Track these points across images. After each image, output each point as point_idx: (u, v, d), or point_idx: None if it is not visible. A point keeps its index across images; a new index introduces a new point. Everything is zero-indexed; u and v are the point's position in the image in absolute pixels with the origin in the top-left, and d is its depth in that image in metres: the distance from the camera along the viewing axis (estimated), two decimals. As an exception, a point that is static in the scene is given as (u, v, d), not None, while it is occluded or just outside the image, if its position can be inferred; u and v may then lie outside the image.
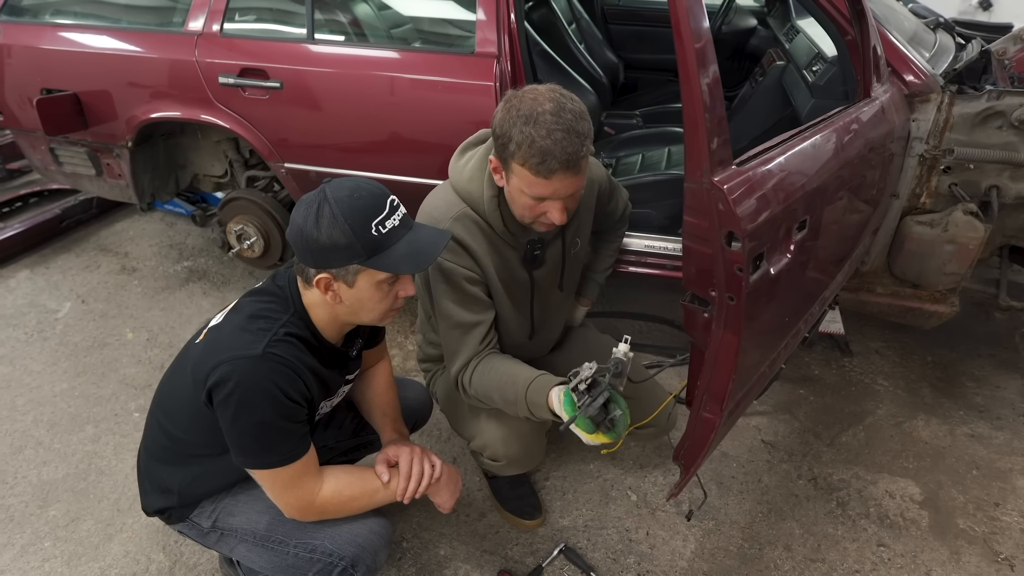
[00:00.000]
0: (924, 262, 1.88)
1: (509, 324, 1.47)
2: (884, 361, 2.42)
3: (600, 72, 2.99)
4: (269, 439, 1.12)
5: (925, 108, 1.75)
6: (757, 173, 1.02)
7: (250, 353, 1.08)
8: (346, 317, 1.19)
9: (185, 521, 1.33)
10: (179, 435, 1.25)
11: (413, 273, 1.17)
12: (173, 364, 1.32)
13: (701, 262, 1.03)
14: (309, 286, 1.14)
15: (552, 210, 1.20)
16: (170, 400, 1.27)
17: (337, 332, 1.24)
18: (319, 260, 1.08)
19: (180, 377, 1.22)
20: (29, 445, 2.04)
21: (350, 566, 1.24)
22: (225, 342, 1.13)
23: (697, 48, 0.90)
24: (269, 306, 1.17)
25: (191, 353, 1.22)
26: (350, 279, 1.10)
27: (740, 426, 2.11)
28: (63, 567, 1.67)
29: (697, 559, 1.70)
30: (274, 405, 1.09)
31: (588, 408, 1.14)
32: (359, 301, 1.14)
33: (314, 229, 1.05)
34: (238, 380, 1.07)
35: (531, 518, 1.77)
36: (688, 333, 1.18)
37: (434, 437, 2.09)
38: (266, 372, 1.08)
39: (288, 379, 1.10)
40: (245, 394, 1.07)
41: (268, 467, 1.14)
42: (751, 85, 2.65)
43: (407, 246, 1.11)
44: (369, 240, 1.06)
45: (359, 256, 1.07)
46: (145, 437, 1.35)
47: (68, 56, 2.32)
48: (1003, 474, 1.94)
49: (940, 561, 1.68)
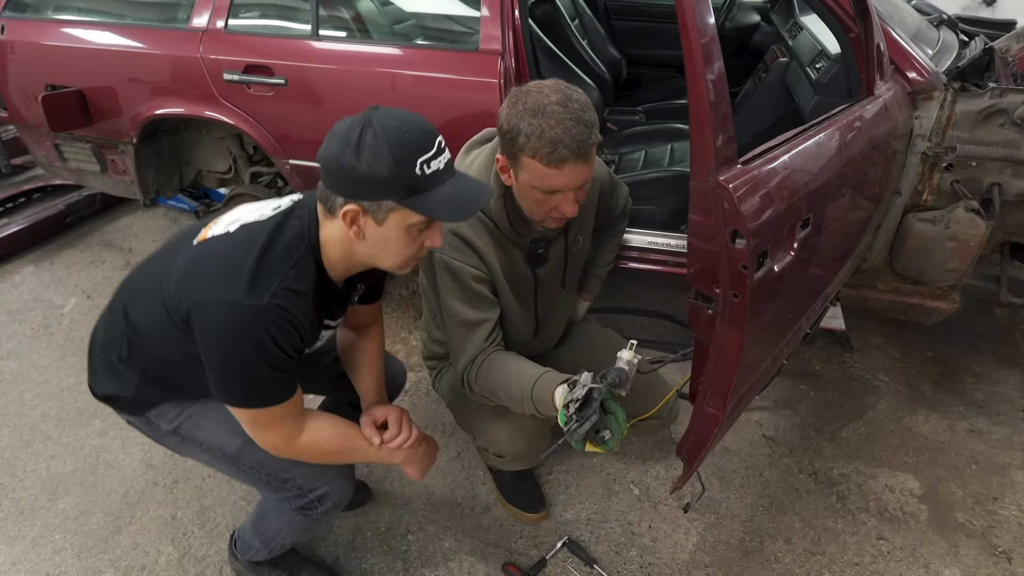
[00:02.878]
0: (926, 259, 1.89)
1: (514, 321, 1.48)
2: (884, 357, 2.44)
3: (603, 68, 3.00)
4: (255, 383, 1.06)
5: (928, 105, 1.76)
6: (762, 172, 1.03)
7: (253, 302, 1.00)
8: (363, 257, 1.10)
9: (139, 417, 1.28)
10: (144, 340, 1.18)
11: (452, 221, 1.09)
12: (161, 254, 1.20)
13: (706, 259, 1.04)
14: (332, 216, 1.04)
15: (563, 203, 1.21)
16: (145, 300, 1.15)
17: (344, 272, 1.15)
18: (352, 190, 0.99)
19: (160, 278, 1.12)
20: (38, 439, 2.05)
21: (317, 500, 1.31)
22: (226, 274, 1.02)
23: (703, 44, 0.91)
24: (283, 239, 1.06)
25: (182, 256, 1.10)
26: (380, 216, 1.01)
27: (742, 421, 2.13)
28: (73, 559, 1.69)
29: (699, 552, 1.72)
30: (266, 356, 1.03)
31: (574, 433, 1.11)
32: (384, 242, 1.05)
33: (353, 156, 0.95)
34: (234, 327, 1.00)
35: (535, 511, 1.79)
36: (692, 330, 1.19)
37: (438, 431, 2.11)
38: (265, 324, 1.01)
39: (286, 334, 1.03)
40: (237, 340, 1.01)
41: (249, 407, 1.09)
42: (754, 82, 2.65)
43: (449, 192, 1.03)
44: (411, 178, 0.97)
45: (397, 193, 0.98)
46: (107, 318, 1.26)
47: (73, 52, 2.33)
48: (1002, 469, 1.95)
49: (939, 554, 1.70)
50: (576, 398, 1.11)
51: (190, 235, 1.15)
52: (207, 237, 1.11)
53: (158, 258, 1.20)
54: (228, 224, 1.11)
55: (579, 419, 1.10)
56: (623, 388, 1.15)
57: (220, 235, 1.09)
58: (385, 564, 1.69)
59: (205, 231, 1.13)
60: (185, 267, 1.07)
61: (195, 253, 1.09)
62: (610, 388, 1.14)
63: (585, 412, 1.11)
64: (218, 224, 1.13)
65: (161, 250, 1.22)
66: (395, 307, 2.76)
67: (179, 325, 1.07)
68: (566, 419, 1.13)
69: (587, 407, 1.11)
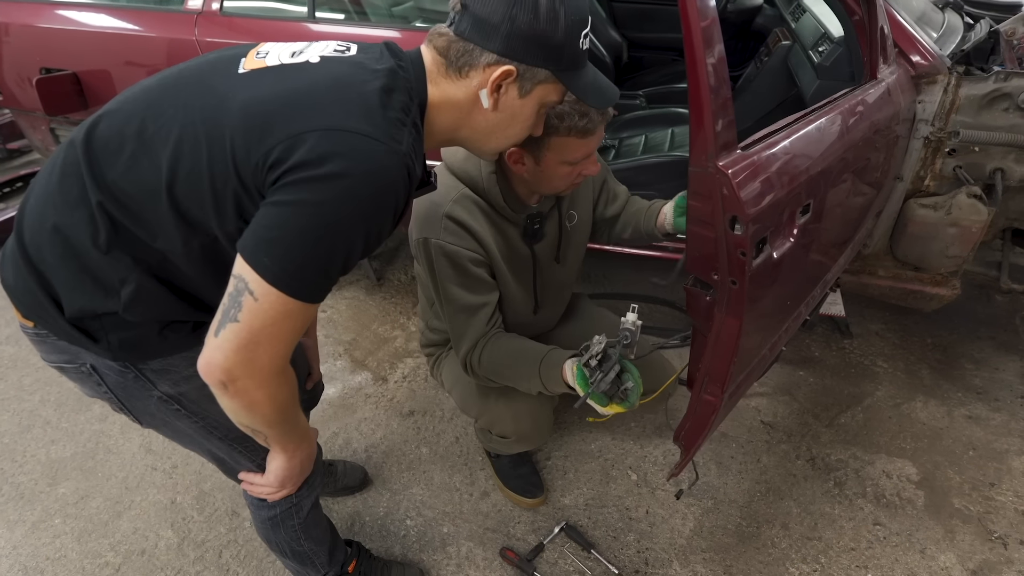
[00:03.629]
0: (927, 245, 1.88)
1: (513, 301, 1.47)
2: (884, 343, 2.43)
3: (603, 51, 2.96)
4: (326, 258, 0.80)
5: (931, 90, 1.74)
6: (761, 157, 1.02)
7: (396, 147, 0.79)
8: (471, 133, 0.95)
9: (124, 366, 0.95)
10: (139, 220, 0.85)
11: (595, 106, 0.96)
12: (170, 87, 0.88)
13: (704, 246, 1.03)
14: (459, 76, 0.88)
15: (588, 165, 1.23)
16: (151, 153, 0.82)
17: (435, 146, 0.98)
18: (516, 48, 0.84)
19: (200, 112, 0.82)
20: (37, 424, 2.06)
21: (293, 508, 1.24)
22: (354, 106, 0.79)
23: (703, 27, 0.89)
24: (398, 87, 0.85)
25: (239, 86, 0.83)
26: (528, 86, 0.89)
27: (740, 407, 2.13)
28: (73, 543, 1.70)
29: (696, 537, 1.73)
30: (376, 224, 0.81)
31: (600, 383, 1.16)
32: (513, 118, 0.93)
33: (531, 12, 0.82)
34: (377, 165, 0.78)
35: (533, 497, 1.80)
36: (691, 316, 1.18)
37: (436, 417, 2.11)
38: (403, 176, 0.81)
39: (404, 196, 0.83)
40: (361, 190, 0.77)
41: (291, 291, 0.78)
42: (756, 65, 2.62)
43: (592, 76, 0.94)
44: (575, 50, 0.88)
45: (559, 63, 0.87)
46: (60, 190, 0.88)
47: (67, 35, 2.30)
48: (999, 455, 1.96)
49: (935, 539, 1.71)
50: (595, 354, 1.16)
51: (224, 64, 0.88)
52: (270, 66, 0.86)
53: (165, 93, 0.87)
54: (292, 56, 0.87)
55: (602, 371, 1.16)
56: (632, 349, 1.18)
57: (300, 64, 0.85)
58: (383, 548, 1.70)
59: (250, 61, 0.87)
60: (272, 94, 0.81)
61: (276, 79, 0.83)
62: (623, 347, 1.17)
63: (605, 366, 1.17)
64: (268, 55, 0.88)
65: (152, 89, 0.88)
66: (393, 293, 2.75)
67: (243, 178, 0.79)
68: (587, 377, 1.18)
69: (606, 362, 1.17)
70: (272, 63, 0.86)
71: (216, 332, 0.79)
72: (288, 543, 1.28)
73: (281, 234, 0.77)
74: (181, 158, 0.81)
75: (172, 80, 0.89)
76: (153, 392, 0.99)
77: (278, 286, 0.77)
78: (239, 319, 0.78)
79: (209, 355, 0.79)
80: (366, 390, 2.23)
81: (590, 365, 1.18)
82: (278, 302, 0.78)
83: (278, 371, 0.83)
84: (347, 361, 2.37)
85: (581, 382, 1.21)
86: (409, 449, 2.00)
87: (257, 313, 0.77)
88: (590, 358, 1.18)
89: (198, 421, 1.04)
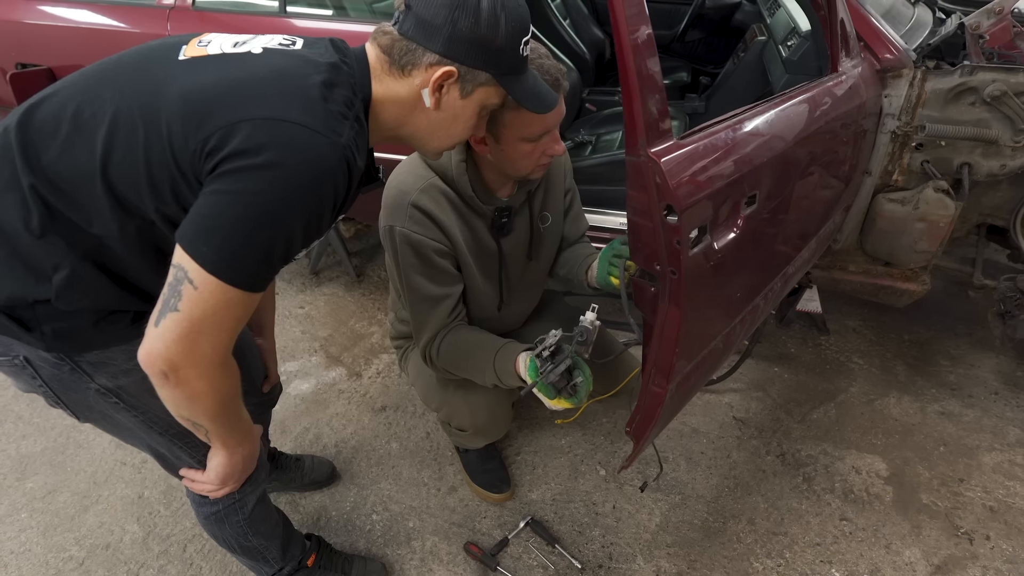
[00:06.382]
0: (895, 240, 1.87)
1: (479, 295, 1.47)
2: (860, 339, 2.43)
3: (584, 48, 2.95)
4: (265, 247, 0.80)
5: (897, 84, 1.73)
6: (700, 146, 1.01)
7: (336, 139, 0.80)
8: (414, 131, 0.96)
9: (59, 357, 0.94)
10: (77, 204, 0.84)
11: (534, 111, 0.99)
12: (101, 76, 0.88)
13: (645, 236, 1.03)
14: (402, 74, 0.89)
15: (550, 143, 1.22)
16: (85, 137, 0.82)
17: (377, 142, 0.98)
18: (457, 51, 0.86)
19: (135, 100, 0.82)
20: (8, 419, 2.06)
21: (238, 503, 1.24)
22: (296, 98, 0.80)
23: (628, 12, 0.89)
24: (341, 81, 0.86)
25: (178, 72, 0.84)
26: (469, 88, 0.91)
27: (712, 403, 2.13)
28: (39, 537, 1.70)
29: (661, 532, 1.72)
30: (315, 213, 0.82)
31: (550, 374, 1.16)
32: (454, 118, 0.94)
33: (471, 17, 0.84)
34: (312, 156, 0.78)
35: (500, 491, 1.80)
36: (640, 308, 1.18)
37: (408, 412, 2.11)
38: (341, 168, 0.81)
39: (344, 187, 0.84)
40: (298, 179, 0.78)
41: (229, 279, 0.78)
42: (734, 61, 2.62)
43: (532, 82, 0.97)
44: (515, 56, 0.90)
45: (499, 67, 0.90)
46: None
47: (42, 30, 2.30)
48: (970, 451, 1.95)
49: (900, 535, 1.71)
50: (548, 346, 1.17)
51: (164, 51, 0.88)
52: (211, 54, 0.86)
53: (102, 78, 0.87)
54: (235, 46, 0.88)
55: (553, 363, 1.17)
56: (587, 347, 1.18)
57: (242, 54, 0.86)
58: (348, 543, 1.69)
59: (191, 49, 0.87)
60: (212, 82, 0.81)
61: (217, 67, 0.84)
62: (577, 343, 1.18)
63: (557, 359, 1.17)
64: (211, 44, 0.88)
65: (89, 75, 0.89)
66: (372, 289, 2.75)
67: (180, 163, 0.80)
68: (537, 367, 1.19)
69: (558, 355, 1.18)
70: (214, 52, 0.86)
71: (156, 322, 0.79)
72: (235, 539, 1.27)
73: (220, 223, 0.77)
74: (116, 141, 0.81)
75: (111, 66, 0.89)
76: (90, 385, 0.97)
77: (218, 275, 0.77)
78: (179, 308, 0.77)
79: (150, 345, 0.79)
80: (339, 386, 2.23)
81: (542, 356, 1.18)
82: (218, 291, 0.78)
83: (220, 361, 0.83)
84: (322, 357, 2.37)
85: (532, 373, 1.22)
86: (379, 444, 2.00)
87: (198, 302, 0.77)
88: (543, 350, 1.18)
89: (138, 415, 1.03)
